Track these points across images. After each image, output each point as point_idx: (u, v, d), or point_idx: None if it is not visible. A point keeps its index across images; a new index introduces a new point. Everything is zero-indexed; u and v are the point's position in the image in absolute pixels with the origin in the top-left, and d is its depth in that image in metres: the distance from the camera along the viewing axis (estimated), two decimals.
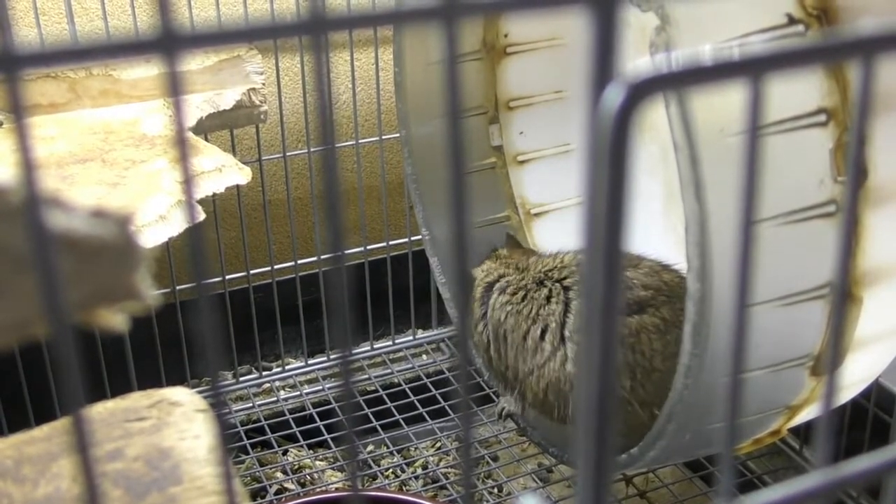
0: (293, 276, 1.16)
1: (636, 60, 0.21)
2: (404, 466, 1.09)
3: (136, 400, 0.51)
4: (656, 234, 0.92)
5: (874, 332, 0.71)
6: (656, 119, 0.96)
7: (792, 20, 0.64)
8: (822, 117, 0.65)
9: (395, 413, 1.13)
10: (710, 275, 0.63)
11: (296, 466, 1.08)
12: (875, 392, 0.92)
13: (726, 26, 0.63)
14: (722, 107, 0.60)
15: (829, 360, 0.27)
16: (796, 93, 0.65)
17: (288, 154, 1.11)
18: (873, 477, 0.25)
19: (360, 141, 1.14)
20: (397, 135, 1.09)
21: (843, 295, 0.41)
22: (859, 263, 0.68)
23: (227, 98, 1.00)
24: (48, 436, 0.49)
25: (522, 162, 1.15)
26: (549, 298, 0.87)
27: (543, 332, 0.85)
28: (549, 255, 0.93)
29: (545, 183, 1.10)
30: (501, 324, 0.89)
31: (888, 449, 0.25)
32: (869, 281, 0.68)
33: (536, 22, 1.10)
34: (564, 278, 0.87)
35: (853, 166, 0.23)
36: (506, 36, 1.10)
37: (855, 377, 0.75)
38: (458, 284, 0.23)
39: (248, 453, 1.09)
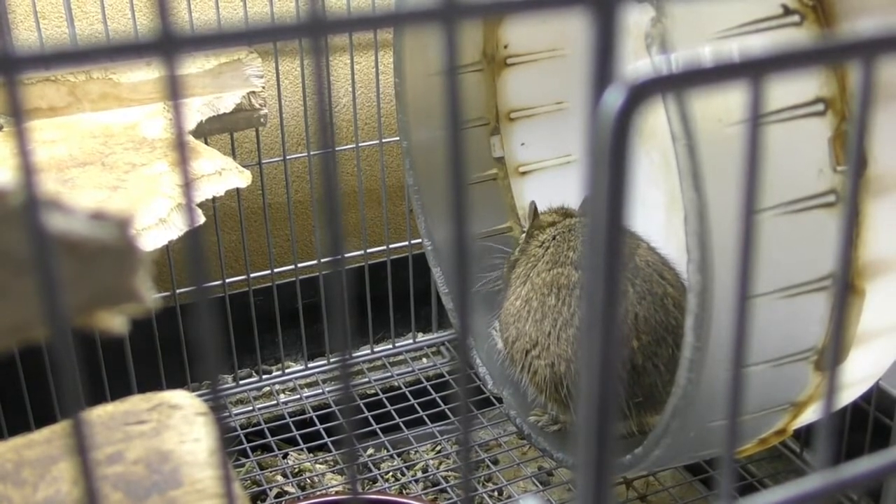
0: (293, 279, 1.16)
1: (636, 62, 0.21)
2: (404, 470, 1.08)
3: (136, 403, 0.51)
4: (659, 242, 0.92)
5: (878, 327, 0.70)
6: (657, 127, 0.95)
7: (787, 11, 0.64)
8: (820, 107, 0.65)
9: (396, 416, 1.13)
10: (711, 266, 0.62)
11: (296, 470, 1.08)
12: (875, 395, 0.92)
13: (722, 17, 0.63)
14: (719, 96, 0.60)
15: (832, 352, 0.27)
16: (793, 82, 0.64)
17: (288, 157, 1.11)
18: (873, 480, 0.25)
19: (360, 144, 1.14)
20: (397, 138, 1.09)
21: (845, 286, 0.41)
22: (861, 254, 0.67)
23: (227, 101, 1.00)
24: (48, 439, 0.49)
25: (524, 173, 1.15)
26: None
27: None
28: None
29: (547, 194, 1.10)
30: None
31: (888, 452, 0.25)
32: (871, 273, 0.68)
33: (536, 32, 1.10)
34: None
35: (854, 158, 0.23)
36: (506, 47, 1.10)
37: (859, 374, 0.75)
38: (458, 297, 0.23)
39: (248, 456, 1.09)
